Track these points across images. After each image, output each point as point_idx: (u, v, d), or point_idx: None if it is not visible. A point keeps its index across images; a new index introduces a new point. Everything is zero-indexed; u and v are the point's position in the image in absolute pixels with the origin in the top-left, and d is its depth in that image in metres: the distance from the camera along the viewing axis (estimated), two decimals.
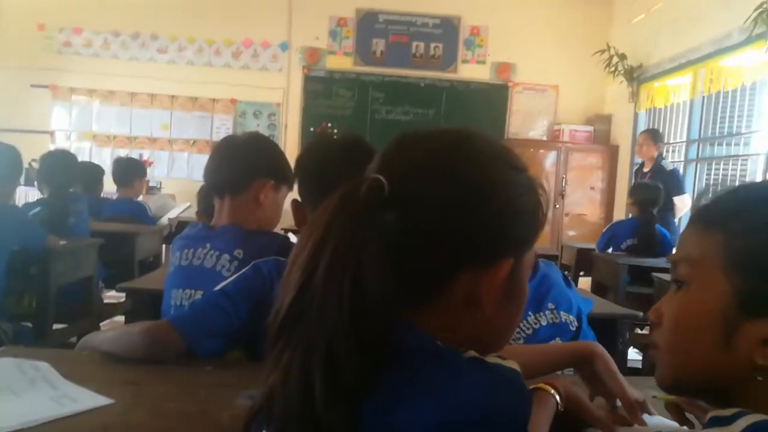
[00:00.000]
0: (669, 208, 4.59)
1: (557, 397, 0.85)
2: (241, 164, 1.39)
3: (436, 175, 0.55)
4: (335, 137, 1.28)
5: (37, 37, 6.72)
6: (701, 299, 0.57)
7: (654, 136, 4.94)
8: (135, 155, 6.52)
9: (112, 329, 1.21)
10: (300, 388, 0.48)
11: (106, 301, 3.30)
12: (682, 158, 5.65)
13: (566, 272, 4.69)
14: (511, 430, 0.50)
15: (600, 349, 0.99)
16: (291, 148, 6.39)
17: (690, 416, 0.83)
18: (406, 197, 0.54)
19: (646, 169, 4.93)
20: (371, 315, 0.49)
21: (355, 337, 0.48)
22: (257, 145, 1.45)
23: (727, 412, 0.53)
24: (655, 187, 4.05)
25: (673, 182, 4.65)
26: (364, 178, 0.54)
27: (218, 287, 1.16)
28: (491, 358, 0.56)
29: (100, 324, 3.20)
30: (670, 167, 4.80)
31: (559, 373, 1.27)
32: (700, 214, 0.59)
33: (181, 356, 1.11)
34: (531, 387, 0.87)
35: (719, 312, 0.55)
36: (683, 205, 4.68)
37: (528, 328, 1.41)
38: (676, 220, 4.72)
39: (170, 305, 1.37)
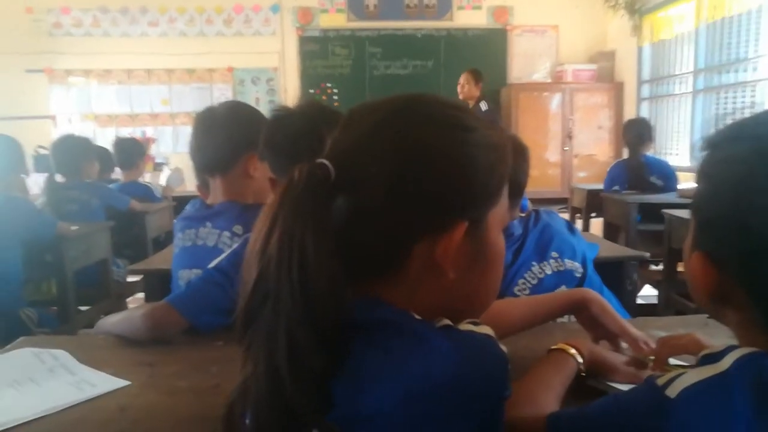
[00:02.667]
0: None
1: (579, 359, 0.84)
2: (225, 141, 1.36)
3: (376, 150, 0.54)
4: (295, 110, 1.24)
5: (26, 20, 6.64)
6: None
7: (475, 76, 4.88)
8: (138, 133, 6.53)
9: (120, 313, 1.24)
10: (268, 377, 0.49)
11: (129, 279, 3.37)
12: (690, 89, 5.53)
13: (577, 215, 4.72)
14: (484, 396, 0.51)
15: (592, 293, 0.99)
16: None
17: None
18: (351, 178, 0.53)
19: None
20: (322, 301, 0.49)
21: (311, 323, 0.49)
22: (238, 118, 1.39)
23: (718, 348, 0.54)
24: (638, 122, 3.99)
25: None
26: (309, 163, 0.54)
27: (212, 264, 1.18)
28: (464, 326, 0.56)
29: (127, 301, 3.30)
30: (484, 108, 4.85)
31: (564, 319, 1.29)
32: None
33: (193, 334, 1.14)
34: (552, 347, 0.86)
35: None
36: None
37: (533, 278, 1.42)
38: None
39: (179, 286, 1.39)
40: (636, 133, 3.81)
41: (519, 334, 1.02)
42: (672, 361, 0.88)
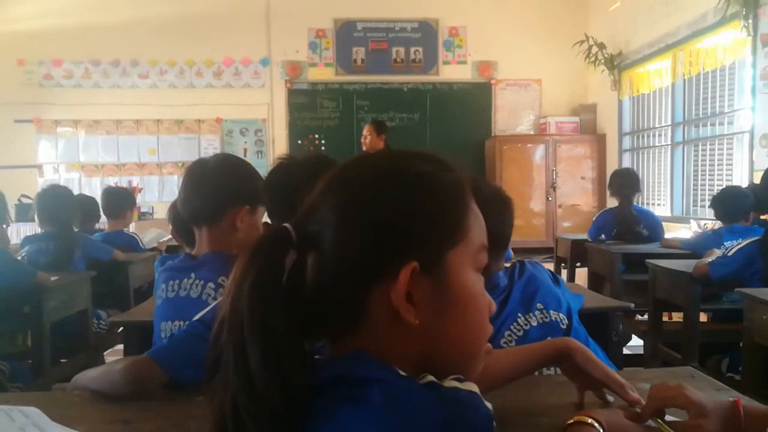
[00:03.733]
0: None
1: (600, 430, 0.81)
2: (214, 194, 1.36)
3: (325, 208, 0.56)
4: (299, 158, 1.27)
5: (17, 72, 6.73)
6: None
7: (377, 127, 4.94)
8: (124, 182, 6.53)
9: (98, 367, 1.21)
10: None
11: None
12: (669, 142, 5.68)
13: (562, 264, 4.73)
14: None
15: (575, 342, 0.98)
16: None
17: None
18: (310, 238, 0.55)
19: None
20: (260, 369, 0.49)
21: (251, 388, 0.49)
22: (226, 171, 1.40)
23: None
24: (626, 173, 4.07)
25: None
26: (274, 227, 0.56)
27: (197, 316, 1.15)
28: (449, 382, 0.55)
29: (104, 353, 3.22)
30: None
31: (551, 371, 1.27)
32: None
33: (172, 389, 1.11)
34: (570, 421, 0.83)
35: None
36: None
37: (519, 330, 1.41)
38: None
39: (160, 339, 1.36)
40: (625, 183, 3.88)
41: (505, 388, 1.01)
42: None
